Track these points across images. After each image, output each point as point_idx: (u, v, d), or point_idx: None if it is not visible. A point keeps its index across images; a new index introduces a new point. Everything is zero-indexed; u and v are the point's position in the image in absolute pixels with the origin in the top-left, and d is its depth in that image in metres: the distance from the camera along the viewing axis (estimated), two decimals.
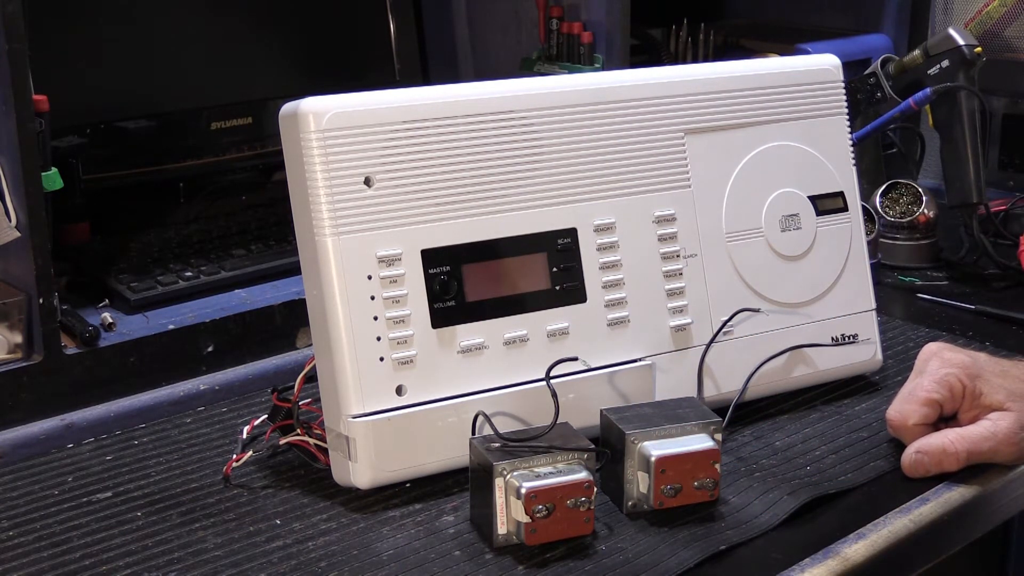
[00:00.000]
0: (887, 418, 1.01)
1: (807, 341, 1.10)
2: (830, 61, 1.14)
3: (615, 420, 0.94)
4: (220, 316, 1.20)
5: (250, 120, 1.41)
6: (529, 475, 0.87)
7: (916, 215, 1.47)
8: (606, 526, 0.91)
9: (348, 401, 0.92)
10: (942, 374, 0.99)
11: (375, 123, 0.93)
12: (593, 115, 1.01)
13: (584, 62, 1.52)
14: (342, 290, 0.92)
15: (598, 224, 1.01)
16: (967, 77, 1.45)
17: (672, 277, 1.05)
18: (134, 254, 1.30)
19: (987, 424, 0.97)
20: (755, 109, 1.09)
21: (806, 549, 0.88)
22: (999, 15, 1.69)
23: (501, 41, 1.64)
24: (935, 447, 0.97)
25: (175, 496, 0.96)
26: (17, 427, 1.07)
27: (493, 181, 0.97)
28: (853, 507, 0.94)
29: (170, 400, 1.14)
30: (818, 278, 1.11)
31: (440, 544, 0.89)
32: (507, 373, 0.97)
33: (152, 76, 1.35)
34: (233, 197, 1.46)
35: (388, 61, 1.53)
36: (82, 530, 0.92)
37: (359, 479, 0.94)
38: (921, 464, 0.97)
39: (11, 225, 1.05)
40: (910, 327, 1.28)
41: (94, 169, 1.29)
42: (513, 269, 0.98)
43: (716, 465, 0.92)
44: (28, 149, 1.03)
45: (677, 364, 1.05)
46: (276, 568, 0.86)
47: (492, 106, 0.98)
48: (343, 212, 0.92)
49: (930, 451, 0.97)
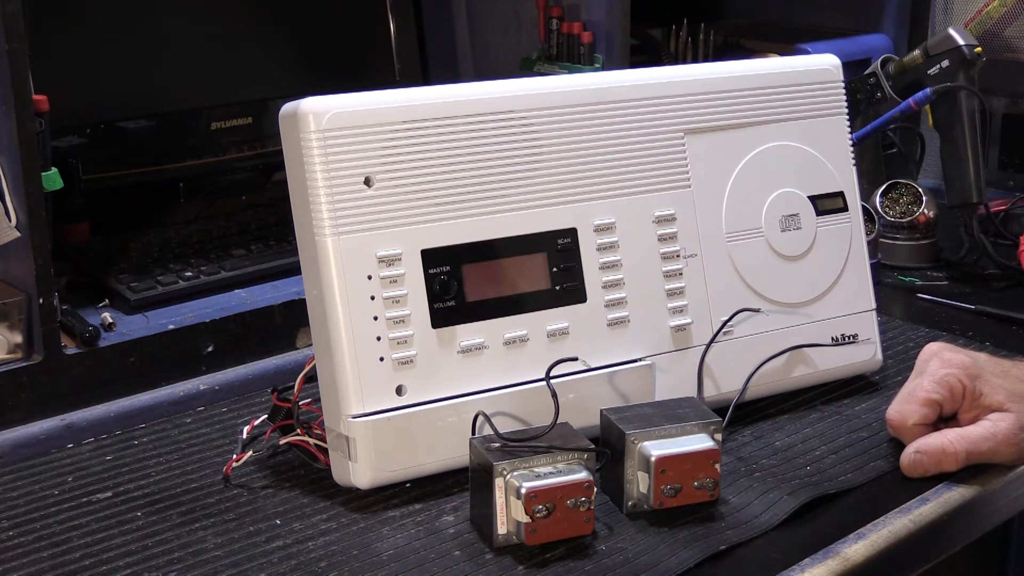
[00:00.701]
0: (887, 418, 1.01)
1: (807, 341, 1.10)
2: (830, 61, 1.14)
3: (615, 420, 0.94)
4: (220, 316, 1.20)
5: (250, 120, 1.41)
6: (529, 475, 0.87)
7: (916, 215, 1.47)
8: (606, 526, 0.91)
9: (348, 401, 0.92)
10: (942, 374, 0.99)
11: (375, 123, 0.93)
12: (593, 115, 1.01)
13: (584, 62, 1.52)
14: (342, 290, 0.92)
15: (598, 224, 1.01)
16: (967, 77, 1.45)
17: (672, 277, 1.05)
18: (134, 254, 1.30)
19: (987, 424, 0.97)
20: (755, 109, 1.09)
21: (806, 549, 0.88)
22: (999, 15, 1.69)
23: (501, 41, 1.64)
24: (934, 447, 0.97)
25: (175, 496, 0.96)
26: (17, 427, 1.07)
27: (493, 181, 0.97)
28: (853, 507, 0.94)
29: (170, 400, 1.14)
30: (818, 278, 1.11)
31: (440, 544, 0.89)
32: (507, 373, 0.97)
33: (152, 76, 1.35)
34: (233, 197, 1.46)
35: (388, 61, 1.53)
36: (82, 530, 0.92)
37: (359, 479, 0.94)
38: (920, 464, 0.97)
39: (11, 225, 1.05)
40: (910, 327, 1.28)
41: (94, 169, 1.29)
42: (513, 269, 0.98)
43: (716, 465, 0.92)
44: (28, 149, 1.04)
45: (677, 364, 1.05)
46: (276, 568, 0.86)
47: (492, 106, 0.98)
48: (343, 212, 0.92)
49: (929, 451, 0.97)
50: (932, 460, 0.97)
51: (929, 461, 0.97)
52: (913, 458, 0.97)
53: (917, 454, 0.97)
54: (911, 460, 0.98)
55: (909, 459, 0.98)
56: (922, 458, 0.97)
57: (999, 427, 0.97)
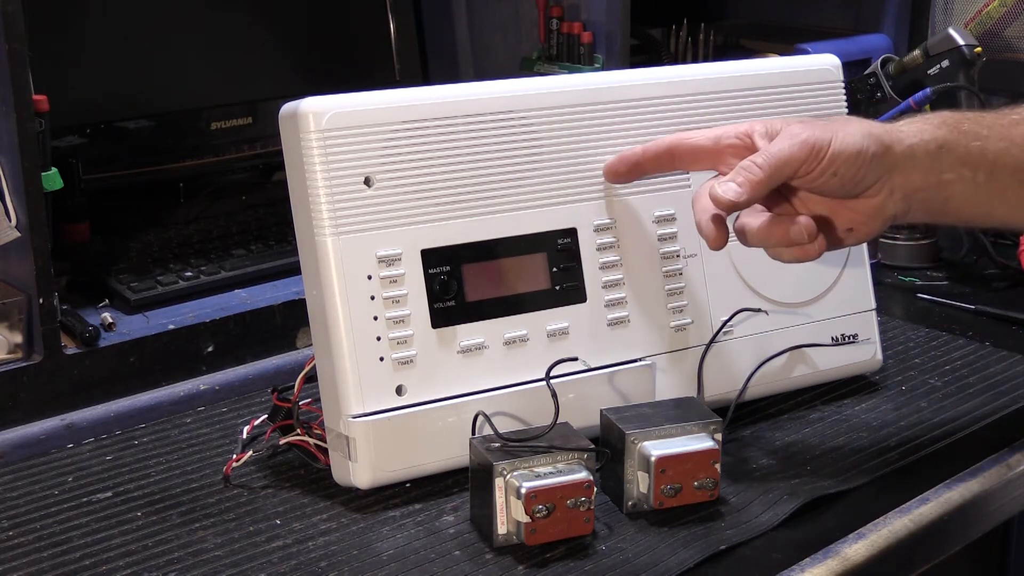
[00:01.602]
0: (711, 198, 0.89)
1: (807, 341, 1.10)
2: (830, 61, 1.13)
3: (615, 420, 0.94)
4: (220, 316, 1.20)
5: (250, 120, 1.41)
6: (529, 475, 0.87)
7: None
8: (606, 526, 0.91)
9: (348, 401, 0.92)
10: (742, 129, 0.92)
11: (375, 123, 0.93)
12: (593, 115, 1.01)
13: (584, 62, 1.52)
14: (342, 290, 0.92)
15: (598, 224, 1.01)
16: (967, 77, 1.45)
17: (672, 277, 1.05)
18: (134, 254, 1.30)
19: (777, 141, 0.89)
20: (755, 109, 1.09)
21: (806, 549, 0.88)
22: (999, 15, 1.69)
23: (501, 41, 1.64)
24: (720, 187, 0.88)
25: (175, 496, 0.96)
26: (17, 427, 1.07)
27: (493, 181, 0.97)
28: (853, 507, 0.94)
29: (170, 400, 1.14)
30: (818, 278, 1.11)
31: (440, 544, 0.89)
32: (507, 373, 0.97)
33: (152, 76, 1.35)
34: (233, 197, 1.46)
35: (388, 61, 1.53)
36: (82, 530, 0.92)
37: (359, 479, 0.94)
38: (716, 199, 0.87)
39: (11, 225, 1.05)
40: (910, 327, 1.28)
41: (94, 169, 1.29)
42: (513, 269, 0.98)
43: (716, 465, 0.92)
44: (28, 149, 1.04)
45: (677, 364, 1.05)
46: (276, 568, 0.86)
47: (492, 106, 0.98)
48: (343, 212, 0.92)
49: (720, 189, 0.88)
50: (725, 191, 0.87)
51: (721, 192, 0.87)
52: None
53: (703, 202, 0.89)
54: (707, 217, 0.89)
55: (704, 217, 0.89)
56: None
57: (792, 130, 0.88)
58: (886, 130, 0.91)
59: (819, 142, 0.88)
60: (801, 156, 0.88)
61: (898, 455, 1.00)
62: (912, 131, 0.91)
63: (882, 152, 0.89)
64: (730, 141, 0.93)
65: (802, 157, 0.88)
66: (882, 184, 0.90)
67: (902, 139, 0.91)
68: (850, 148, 0.88)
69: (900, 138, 0.91)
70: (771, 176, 0.88)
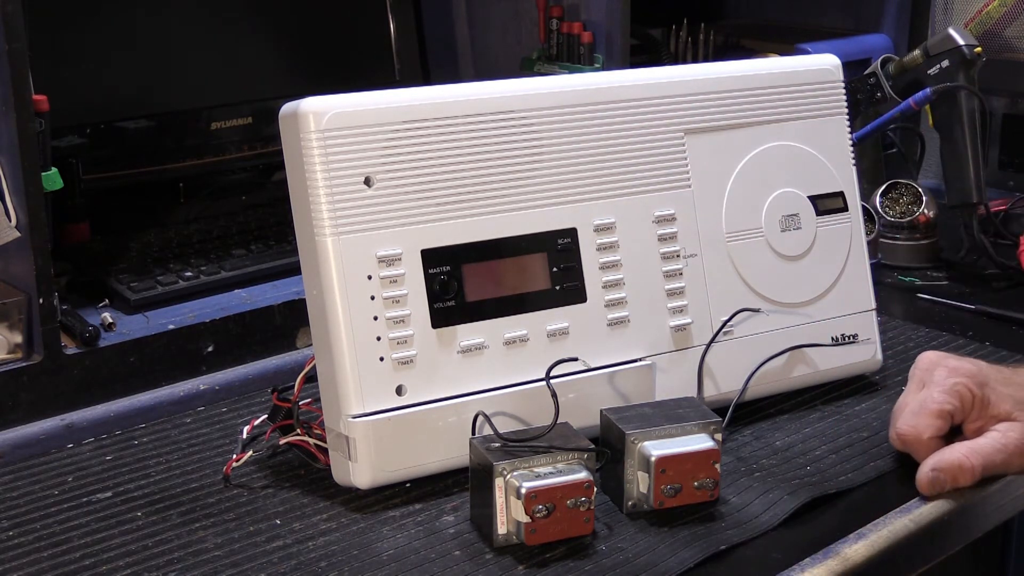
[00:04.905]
0: (899, 433, 0.98)
1: (807, 341, 1.10)
2: (830, 61, 1.14)
3: (615, 420, 0.94)
4: (220, 316, 1.20)
5: (250, 120, 1.41)
6: (529, 475, 0.87)
7: (916, 215, 1.47)
8: (606, 526, 0.91)
9: (348, 401, 0.92)
10: (951, 383, 0.97)
11: (375, 123, 0.93)
12: (593, 115, 1.01)
13: (584, 62, 1.52)
14: (342, 290, 0.92)
15: (598, 224, 1.01)
16: (967, 77, 1.45)
17: (672, 277, 1.05)
18: (134, 254, 1.30)
19: (996, 436, 0.96)
20: (755, 109, 1.09)
21: (806, 549, 0.88)
22: (999, 15, 1.69)
23: (501, 41, 1.64)
24: (951, 463, 0.95)
25: (175, 496, 0.96)
26: (17, 427, 1.07)
27: (493, 181, 0.97)
28: (853, 507, 0.94)
29: (170, 400, 1.14)
30: (818, 278, 1.11)
31: (440, 544, 0.89)
32: (507, 373, 0.97)
33: (152, 76, 1.35)
34: (233, 197, 1.46)
35: (388, 61, 1.53)
36: (82, 530, 0.92)
37: (359, 479, 0.94)
38: (938, 482, 0.95)
39: (11, 225, 1.05)
40: (910, 327, 1.28)
41: (94, 169, 1.29)
42: (513, 269, 0.98)
43: (716, 465, 0.92)
44: (28, 149, 1.04)
45: (677, 364, 1.05)
46: (276, 568, 0.86)
47: (492, 106, 0.98)
48: (343, 212, 0.92)
49: (946, 468, 0.95)
50: (950, 476, 0.95)
51: (947, 478, 0.95)
52: (931, 476, 0.95)
53: (935, 472, 0.95)
54: (929, 479, 0.95)
55: (927, 478, 0.95)
56: (940, 475, 0.95)
57: (1009, 438, 0.96)
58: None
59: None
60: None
61: (898, 455, 1.00)
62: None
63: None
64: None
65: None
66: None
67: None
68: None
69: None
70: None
